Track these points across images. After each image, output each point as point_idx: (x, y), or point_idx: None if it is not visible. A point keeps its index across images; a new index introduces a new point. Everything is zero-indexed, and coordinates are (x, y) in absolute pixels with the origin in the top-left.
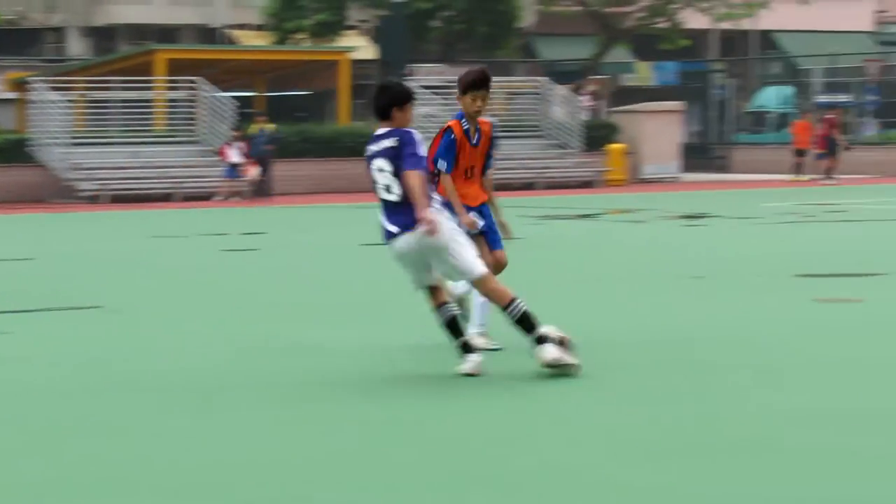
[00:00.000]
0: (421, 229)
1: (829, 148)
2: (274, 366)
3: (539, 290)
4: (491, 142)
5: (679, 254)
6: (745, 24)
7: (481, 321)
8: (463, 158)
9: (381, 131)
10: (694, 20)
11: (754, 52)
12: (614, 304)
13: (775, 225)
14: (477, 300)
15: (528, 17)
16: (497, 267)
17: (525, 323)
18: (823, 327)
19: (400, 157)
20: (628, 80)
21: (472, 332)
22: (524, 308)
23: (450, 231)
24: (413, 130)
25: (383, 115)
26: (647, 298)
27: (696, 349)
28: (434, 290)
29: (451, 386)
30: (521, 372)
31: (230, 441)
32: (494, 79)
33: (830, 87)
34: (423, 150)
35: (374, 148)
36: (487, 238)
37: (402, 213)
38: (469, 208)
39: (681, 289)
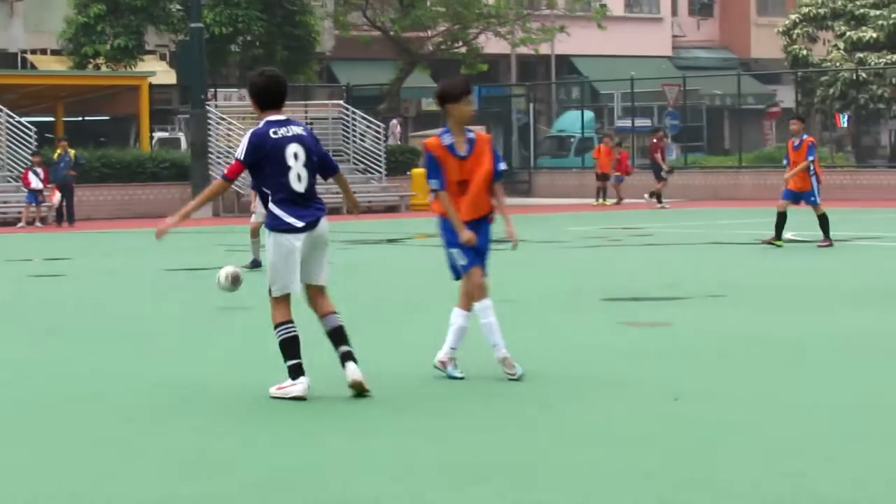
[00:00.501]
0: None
1: (655, 171)
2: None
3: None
4: (492, 153)
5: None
6: (544, 49)
7: (494, 341)
8: (451, 173)
9: (278, 118)
10: (492, 45)
11: (554, 76)
12: (418, 331)
13: (581, 249)
14: (483, 321)
15: (326, 41)
16: (477, 288)
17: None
18: (630, 351)
19: (321, 154)
20: (429, 104)
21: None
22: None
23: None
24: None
25: (278, 103)
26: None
27: (492, 380)
28: (318, 296)
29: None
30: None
31: None
32: (293, 104)
33: (630, 112)
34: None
35: (284, 132)
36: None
37: (307, 207)
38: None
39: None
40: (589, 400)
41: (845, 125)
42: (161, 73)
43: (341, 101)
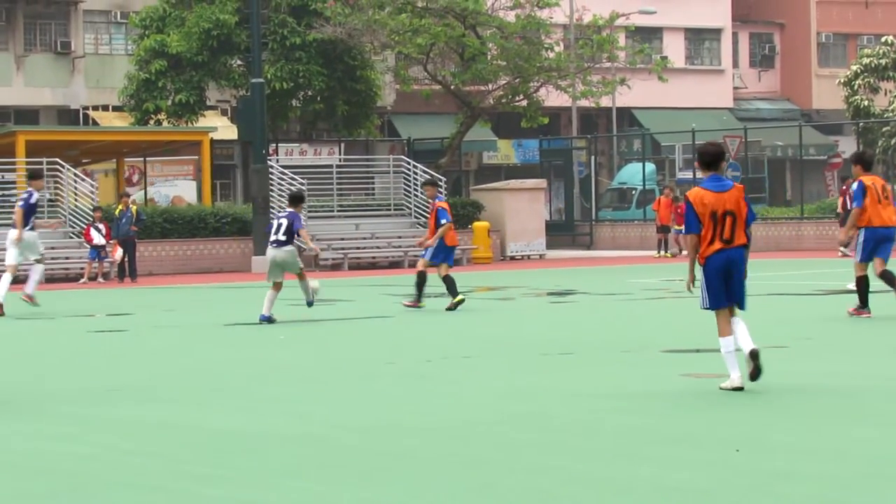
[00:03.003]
0: None
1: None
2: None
3: (411, 363)
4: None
5: (548, 330)
6: (605, 101)
7: None
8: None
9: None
10: (553, 98)
11: (615, 129)
12: (480, 381)
13: (642, 301)
14: None
15: (387, 96)
16: None
17: None
18: (690, 402)
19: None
20: (490, 157)
21: None
22: None
23: None
24: None
25: None
26: (516, 375)
27: (557, 425)
28: None
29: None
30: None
31: None
32: (355, 157)
33: (692, 164)
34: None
35: None
36: None
37: None
38: None
39: (549, 366)
40: (650, 452)
41: None
42: (222, 128)
43: (402, 156)
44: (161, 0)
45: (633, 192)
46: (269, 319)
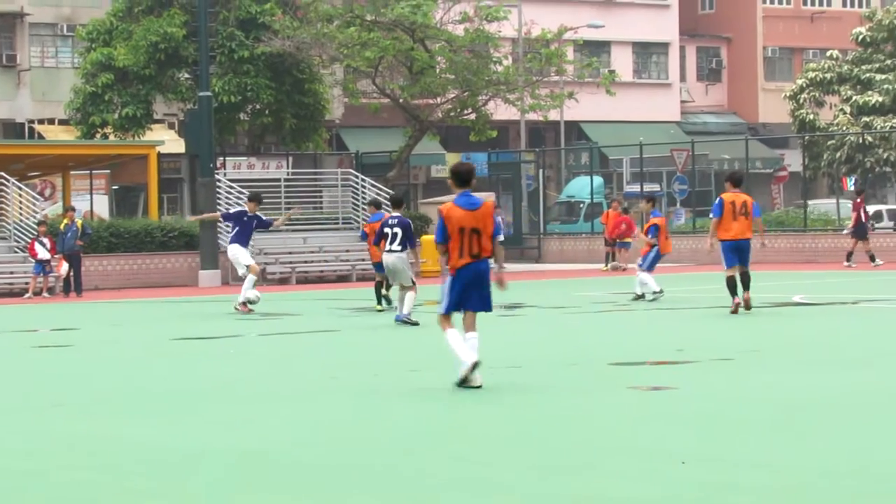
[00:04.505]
0: None
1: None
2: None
3: (357, 378)
4: None
5: (495, 344)
6: (553, 115)
7: None
8: None
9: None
10: (502, 111)
11: (563, 142)
12: (427, 394)
13: (589, 314)
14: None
15: (335, 109)
16: None
17: None
18: (637, 415)
19: None
20: (438, 171)
21: None
22: None
23: None
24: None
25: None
26: (463, 388)
27: (503, 438)
28: None
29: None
30: None
31: None
32: (303, 171)
33: (639, 177)
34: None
35: None
36: None
37: None
38: None
39: (497, 379)
40: (596, 464)
41: (852, 188)
42: (170, 142)
43: (350, 169)
44: (108, 13)
45: (581, 205)
46: (404, 320)
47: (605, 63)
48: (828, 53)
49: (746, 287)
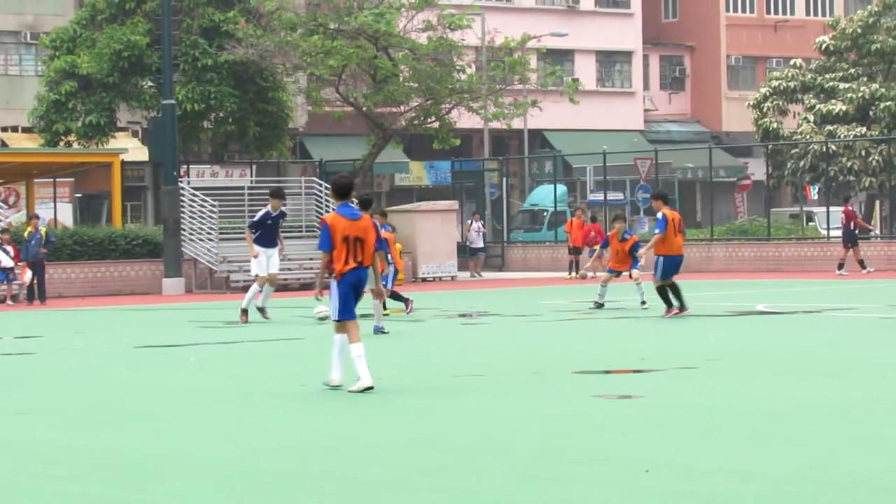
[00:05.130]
0: None
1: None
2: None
3: (321, 386)
4: None
5: (459, 352)
6: (517, 124)
7: None
8: None
9: None
10: (465, 119)
11: (526, 150)
12: (391, 403)
13: (553, 322)
14: None
15: (299, 117)
16: None
17: None
18: (602, 423)
19: None
20: (402, 179)
21: None
22: None
23: None
24: None
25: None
26: (427, 397)
27: (469, 446)
28: None
29: None
30: None
31: None
32: (267, 179)
33: (603, 185)
34: None
35: None
36: None
37: None
38: None
39: (459, 388)
40: (561, 472)
41: (815, 197)
42: (133, 149)
43: (314, 177)
44: (72, 21)
45: (545, 213)
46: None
47: (569, 71)
48: (791, 62)
49: (679, 297)
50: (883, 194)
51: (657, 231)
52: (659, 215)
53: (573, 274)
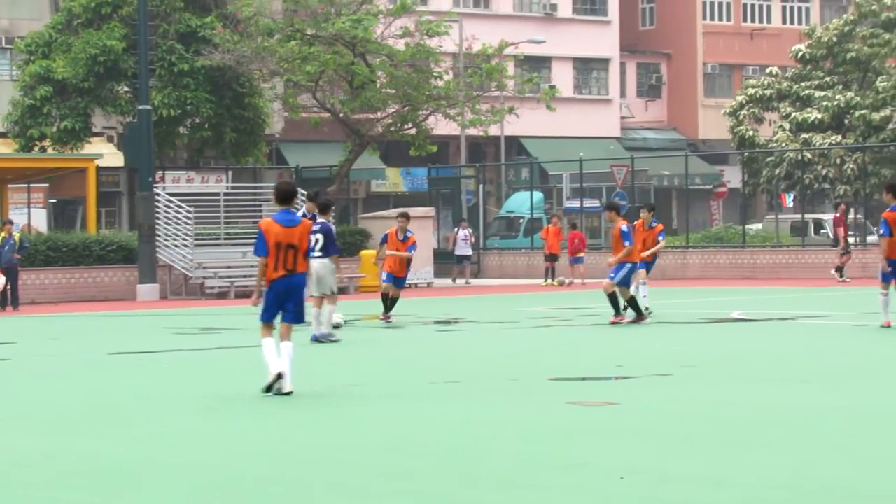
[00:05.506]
0: None
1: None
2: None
3: (295, 393)
4: None
5: (434, 359)
6: (494, 130)
7: None
8: None
9: None
10: (442, 126)
11: (503, 157)
12: (367, 409)
13: (529, 329)
14: None
15: (276, 123)
16: None
17: None
18: (577, 430)
19: None
20: (378, 185)
21: None
22: None
23: None
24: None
25: None
26: (404, 403)
27: (446, 453)
28: None
29: None
30: None
31: None
32: (243, 185)
33: (579, 192)
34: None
35: None
36: None
37: None
38: None
39: (435, 395)
40: (537, 479)
41: (790, 205)
42: (108, 155)
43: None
44: (47, 26)
45: (521, 220)
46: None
47: (546, 78)
48: (767, 70)
49: (617, 305)
50: (857, 202)
51: (627, 244)
52: (623, 227)
53: (549, 281)
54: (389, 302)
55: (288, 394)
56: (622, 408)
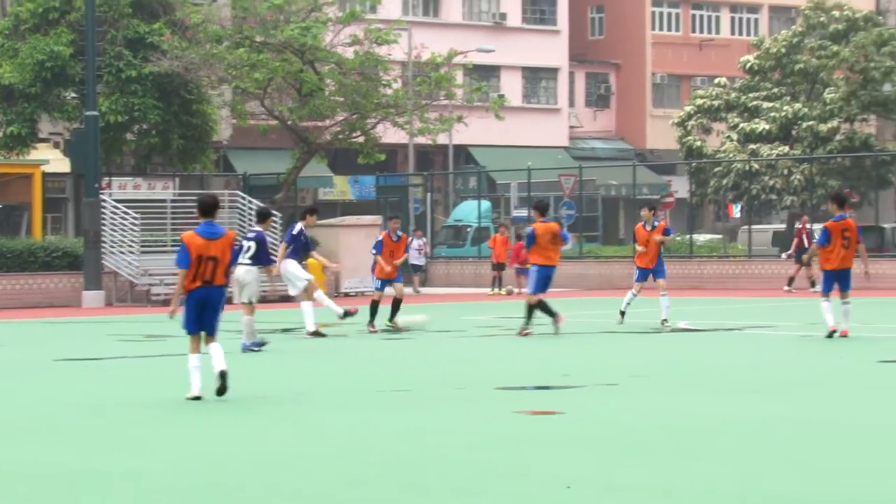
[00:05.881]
0: None
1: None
2: None
3: (243, 400)
4: None
5: (381, 368)
6: (442, 139)
7: None
8: None
9: None
10: (391, 134)
11: (451, 166)
12: (315, 417)
13: (475, 338)
14: None
15: (223, 130)
16: None
17: None
18: (523, 439)
19: None
20: (326, 193)
21: None
22: None
23: None
24: None
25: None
26: (351, 412)
27: (394, 461)
28: None
29: None
30: None
31: None
32: (190, 192)
33: (527, 202)
34: None
35: None
36: None
37: None
38: None
39: (382, 404)
40: (483, 488)
41: (738, 215)
42: (55, 161)
43: (238, 191)
44: None
45: (468, 229)
46: (254, 346)
47: (495, 87)
48: (715, 80)
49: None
50: (804, 213)
51: (528, 245)
52: (528, 230)
53: (496, 290)
54: (393, 305)
55: (222, 379)
56: (569, 417)
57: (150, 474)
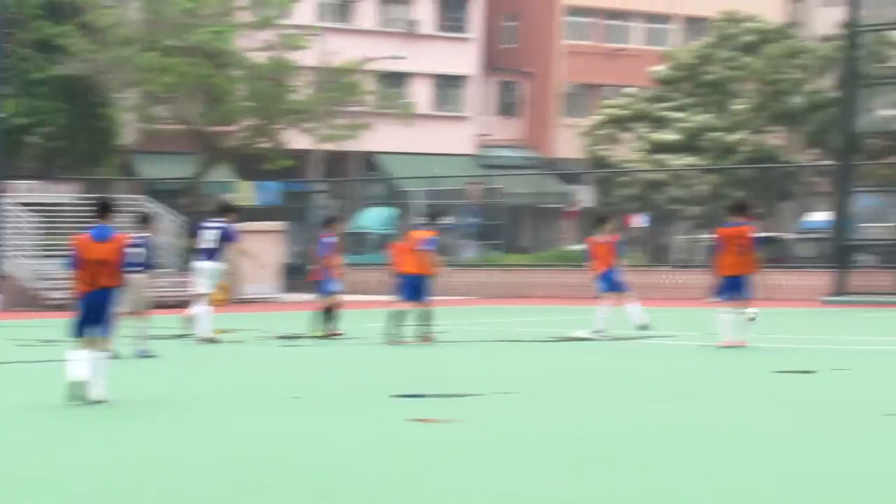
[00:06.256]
0: None
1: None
2: None
3: (138, 406)
4: None
5: (278, 375)
6: (348, 145)
7: None
8: None
9: None
10: (297, 140)
11: (357, 172)
12: (212, 424)
13: (374, 345)
14: None
15: (128, 134)
16: None
17: None
18: (419, 447)
19: None
20: (230, 199)
21: None
22: None
23: None
24: None
25: None
26: (247, 418)
27: (289, 468)
28: None
29: None
30: None
31: None
32: (93, 196)
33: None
34: None
35: None
36: None
37: None
38: None
39: (279, 410)
40: (379, 497)
41: (647, 224)
42: None
43: (142, 195)
44: None
45: (372, 236)
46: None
47: (405, 94)
48: (625, 90)
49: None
50: (708, 223)
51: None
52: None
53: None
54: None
55: (98, 402)
56: (466, 425)
57: (44, 478)
